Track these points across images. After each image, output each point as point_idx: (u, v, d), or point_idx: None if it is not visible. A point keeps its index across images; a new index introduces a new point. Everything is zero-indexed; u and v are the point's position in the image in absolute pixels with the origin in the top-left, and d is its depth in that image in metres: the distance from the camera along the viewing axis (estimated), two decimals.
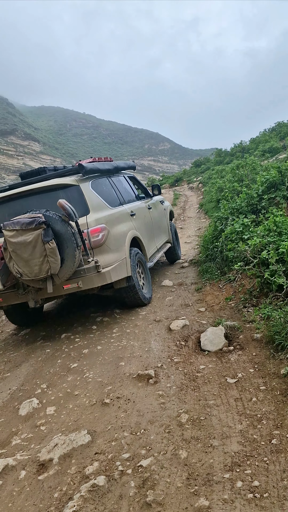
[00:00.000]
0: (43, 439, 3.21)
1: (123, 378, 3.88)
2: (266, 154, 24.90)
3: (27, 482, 2.75)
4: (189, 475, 2.46)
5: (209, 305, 5.68)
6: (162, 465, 2.58)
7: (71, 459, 2.85)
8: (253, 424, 2.87)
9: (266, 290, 5.19)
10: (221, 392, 3.37)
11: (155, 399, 3.41)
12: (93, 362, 4.39)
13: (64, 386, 4.00)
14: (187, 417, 3.06)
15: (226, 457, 2.57)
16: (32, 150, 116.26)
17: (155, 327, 5.11)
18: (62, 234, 4.70)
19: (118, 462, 2.70)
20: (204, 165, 41.87)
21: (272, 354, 3.82)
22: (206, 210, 15.58)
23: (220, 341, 4.31)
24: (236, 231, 6.39)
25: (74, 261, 4.78)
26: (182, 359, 4.12)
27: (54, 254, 4.64)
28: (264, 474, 2.36)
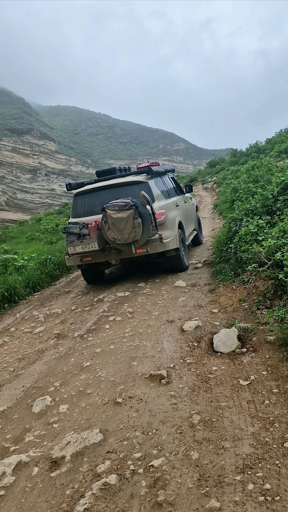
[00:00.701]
0: (55, 437, 3.25)
1: (135, 378, 3.90)
2: (282, 155, 24.69)
3: (40, 479, 2.78)
4: (200, 476, 2.47)
5: (222, 306, 5.66)
6: (173, 466, 2.59)
7: (83, 457, 2.88)
8: (265, 427, 2.86)
9: (280, 292, 5.15)
10: (234, 394, 3.37)
11: (167, 400, 3.42)
12: (105, 362, 4.41)
13: (77, 385, 4.03)
14: (199, 418, 3.06)
15: (237, 459, 2.56)
16: (48, 149, 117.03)
17: (168, 328, 5.12)
18: (143, 214, 6.91)
19: (130, 461, 2.71)
20: (219, 165, 41.70)
21: (285, 356, 3.80)
22: (221, 210, 15.52)
23: (233, 343, 4.29)
24: (251, 232, 6.35)
25: (148, 233, 7.05)
26: (194, 360, 4.12)
27: (139, 227, 6.88)
28: (276, 477, 2.36)
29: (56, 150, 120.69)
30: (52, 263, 10.23)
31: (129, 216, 6.81)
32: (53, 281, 9.75)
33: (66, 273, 10.29)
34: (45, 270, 9.79)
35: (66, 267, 10.42)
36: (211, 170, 42.32)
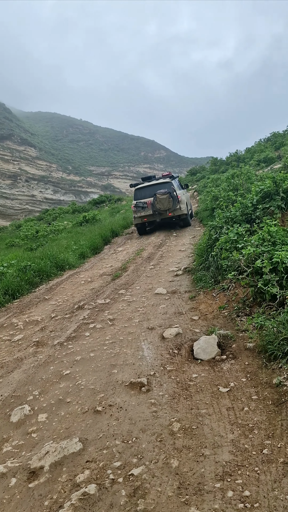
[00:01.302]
0: (34, 447, 3.20)
1: (115, 386, 3.88)
2: (261, 164, 25.08)
3: (18, 490, 2.73)
4: (180, 484, 2.46)
5: (202, 313, 5.69)
6: (153, 474, 2.58)
7: (62, 467, 2.84)
8: (244, 434, 2.87)
9: (259, 300, 5.21)
10: (213, 401, 3.38)
11: (147, 408, 3.41)
12: (85, 369, 4.38)
13: (56, 393, 3.99)
14: (179, 426, 3.06)
15: (217, 466, 2.57)
16: (28, 155, 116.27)
17: (149, 335, 5.11)
18: (172, 196, 13.69)
19: (109, 471, 2.69)
20: (199, 173, 42.10)
21: (264, 363, 3.84)
22: (201, 218, 15.64)
23: (213, 350, 4.32)
24: (231, 240, 6.42)
25: (175, 205, 13.88)
26: (175, 368, 4.12)
27: (171, 202, 13.76)
28: (255, 484, 2.37)
29: (37, 156, 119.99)
30: (32, 270, 10.12)
31: (167, 197, 13.88)
32: (33, 288, 9.65)
33: (46, 280, 10.20)
34: (25, 277, 9.67)
35: (46, 274, 10.38)
36: (191, 178, 42.68)
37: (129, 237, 15.96)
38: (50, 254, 11.65)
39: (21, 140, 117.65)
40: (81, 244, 13.66)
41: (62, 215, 37.05)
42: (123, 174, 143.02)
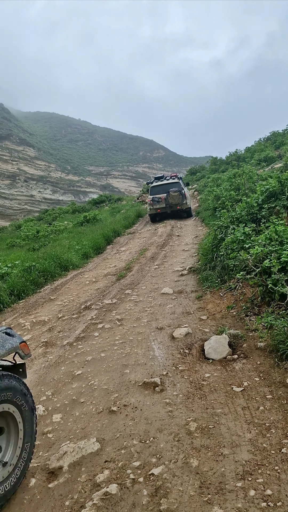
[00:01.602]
0: (51, 447, 3.21)
1: (129, 386, 3.90)
2: (262, 163, 25.10)
3: (37, 490, 2.75)
4: (201, 483, 2.48)
5: (210, 313, 5.71)
6: (174, 474, 2.60)
7: (81, 467, 2.86)
8: (262, 433, 2.89)
9: (268, 299, 5.23)
10: (228, 401, 3.40)
11: (162, 407, 3.43)
12: (97, 370, 4.39)
13: (69, 393, 4.00)
14: (195, 426, 3.08)
15: (237, 465, 2.59)
16: (27, 155, 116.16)
17: (158, 335, 5.13)
18: (182, 194, 17.51)
19: (129, 470, 2.71)
20: (199, 173, 42.12)
21: (276, 363, 3.85)
22: (203, 218, 15.65)
23: (224, 350, 4.34)
24: (238, 239, 6.44)
25: (184, 200, 17.66)
26: (187, 367, 4.14)
27: (181, 198, 17.59)
28: (276, 483, 2.39)
29: (35, 156, 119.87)
30: (37, 270, 10.12)
31: (178, 194, 17.38)
32: (38, 288, 9.65)
33: (51, 280, 10.21)
34: (30, 278, 9.68)
35: (50, 274, 10.39)
36: (191, 177, 42.68)
37: (131, 237, 15.98)
38: (53, 254, 11.65)
39: (20, 140, 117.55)
40: (83, 244, 13.66)
41: (62, 215, 37.03)
42: (122, 174, 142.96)
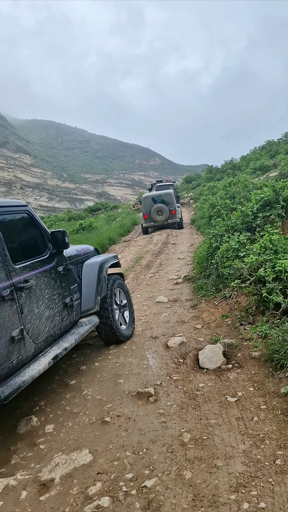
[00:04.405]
0: (43, 458, 3.17)
1: (122, 396, 3.86)
2: (257, 172, 25.25)
3: (28, 503, 2.70)
4: (194, 496, 2.45)
5: (205, 322, 5.70)
6: (166, 486, 2.57)
7: (73, 479, 2.82)
8: (256, 444, 2.87)
9: (262, 308, 5.23)
10: (222, 411, 3.37)
11: (156, 418, 3.40)
12: (91, 379, 4.36)
13: (62, 404, 3.96)
14: (189, 437, 3.05)
15: (231, 477, 2.56)
16: (23, 162, 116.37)
17: (152, 344, 5.10)
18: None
19: (122, 483, 2.67)
20: (195, 181, 42.30)
21: (271, 372, 3.84)
22: (198, 226, 15.69)
23: (219, 359, 4.32)
24: (232, 248, 6.45)
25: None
26: (181, 377, 4.11)
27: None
28: (270, 495, 2.36)
29: (31, 164, 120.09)
30: None
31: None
32: None
33: None
34: None
35: None
36: (187, 185, 42.88)
37: (126, 244, 15.97)
38: None
39: (16, 147, 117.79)
40: None
41: (57, 223, 36.99)
42: (118, 182, 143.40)
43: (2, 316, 3.18)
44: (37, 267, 3.87)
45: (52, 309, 4.00)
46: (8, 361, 3.21)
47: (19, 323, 3.38)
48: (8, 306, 3.27)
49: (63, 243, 4.27)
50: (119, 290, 5.50)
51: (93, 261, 5.09)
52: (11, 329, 3.27)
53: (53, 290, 4.08)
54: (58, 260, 4.36)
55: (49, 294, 3.97)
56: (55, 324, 4.03)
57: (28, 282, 3.60)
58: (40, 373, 3.48)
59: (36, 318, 3.67)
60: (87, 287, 4.81)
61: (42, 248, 4.14)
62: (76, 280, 4.71)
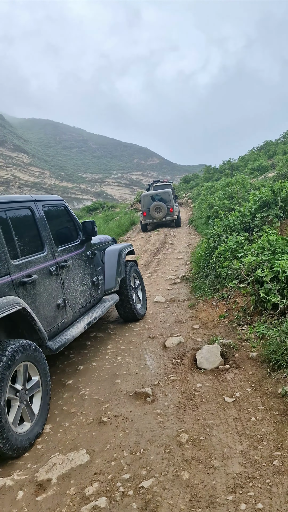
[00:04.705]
0: (39, 458, 3.15)
1: (120, 396, 3.85)
2: (255, 172, 25.27)
3: (25, 503, 2.69)
4: (192, 496, 2.44)
5: (203, 322, 5.69)
6: (164, 486, 2.56)
7: (70, 479, 2.81)
8: (253, 445, 2.87)
9: (260, 309, 5.23)
10: (220, 412, 3.37)
11: (153, 418, 3.39)
12: (88, 379, 4.35)
13: (59, 404, 3.95)
14: (186, 437, 3.05)
15: (228, 478, 2.56)
16: (21, 161, 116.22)
17: (150, 344, 5.10)
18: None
19: (119, 483, 2.67)
20: (193, 181, 42.28)
21: (268, 373, 3.84)
22: (196, 226, 15.68)
23: (216, 359, 4.32)
24: (230, 248, 6.45)
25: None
26: (178, 377, 4.11)
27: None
28: (268, 496, 2.36)
29: (29, 163, 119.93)
30: None
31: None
32: None
33: None
34: None
35: None
36: (185, 185, 42.86)
37: None
38: None
39: (14, 146, 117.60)
40: None
41: None
42: (116, 181, 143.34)
43: (50, 287, 4.08)
44: (72, 251, 4.76)
45: (84, 285, 4.88)
46: (55, 322, 4.13)
47: (62, 293, 4.29)
48: (54, 279, 4.17)
49: (92, 231, 5.09)
50: (134, 275, 6.24)
51: (113, 248, 5.90)
52: (57, 298, 4.18)
53: (84, 270, 4.94)
54: (87, 246, 5.21)
55: (81, 273, 4.84)
56: (86, 298, 4.91)
57: (67, 262, 4.48)
58: (78, 334, 4.36)
59: (73, 292, 4.55)
60: (109, 269, 5.64)
61: (75, 235, 5.00)
62: (100, 263, 5.54)
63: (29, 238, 4.00)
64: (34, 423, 3.36)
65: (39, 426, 3.42)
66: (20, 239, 3.82)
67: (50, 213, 4.48)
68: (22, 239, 3.86)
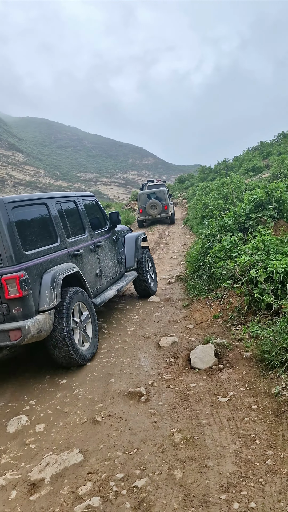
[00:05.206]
0: (33, 458, 3.15)
1: (114, 396, 3.85)
2: (250, 173, 25.34)
3: (18, 503, 2.68)
4: (185, 496, 2.45)
5: (197, 322, 5.71)
6: (157, 486, 2.56)
7: (63, 479, 2.80)
8: (246, 444, 2.88)
9: (254, 309, 5.25)
10: (213, 411, 3.38)
11: (147, 418, 3.39)
12: (82, 379, 4.34)
13: (53, 403, 3.94)
14: (180, 437, 3.05)
15: (221, 477, 2.57)
16: (16, 160, 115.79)
17: (144, 344, 5.10)
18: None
19: (112, 482, 2.67)
20: (188, 181, 42.35)
21: (262, 373, 3.86)
22: (191, 226, 15.70)
23: (210, 359, 4.33)
24: (225, 248, 6.46)
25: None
26: (172, 377, 4.12)
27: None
28: (260, 495, 2.37)
29: (24, 162, 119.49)
30: None
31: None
32: None
33: None
34: None
35: None
36: (180, 185, 42.92)
37: None
38: None
39: (9, 145, 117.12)
40: None
41: None
42: (111, 181, 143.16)
43: (91, 260, 5.54)
44: (103, 235, 6.18)
45: (112, 261, 6.31)
46: (95, 286, 5.56)
47: (98, 266, 5.74)
48: (93, 255, 5.62)
49: (117, 220, 6.54)
50: (147, 259, 7.55)
51: (131, 235, 7.33)
52: (96, 268, 5.64)
53: (111, 250, 6.37)
54: (112, 232, 6.60)
55: (109, 252, 6.27)
56: (113, 272, 6.34)
57: (101, 243, 5.93)
58: (112, 296, 5.79)
59: (105, 265, 6.00)
60: (128, 251, 7.03)
61: (103, 223, 6.39)
62: (121, 246, 6.93)
63: (75, 224, 5.41)
64: (90, 343, 4.86)
65: (94, 347, 4.88)
66: (70, 224, 5.26)
67: (87, 206, 5.91)
68: (72, 224, 5.30)
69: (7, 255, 4.04)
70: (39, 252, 4.44)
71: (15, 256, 4.08)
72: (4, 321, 4.07)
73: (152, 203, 18.87)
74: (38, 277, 4.32)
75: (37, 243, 4.51)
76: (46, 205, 4.87)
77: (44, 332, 4.15)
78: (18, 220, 4.30)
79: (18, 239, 4.16)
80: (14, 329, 3.99)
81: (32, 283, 4.17)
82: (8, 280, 3.99)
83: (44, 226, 4.74)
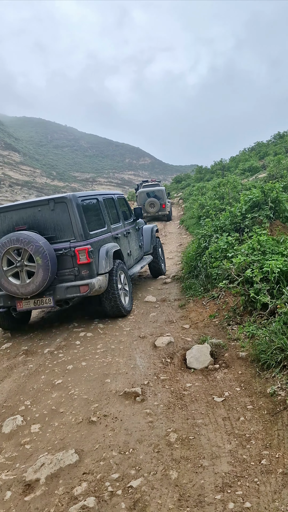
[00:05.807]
0: (28, 458, 3.14)
1: (109, 396, 3.85)
2: (246, 173, 25.40)
3: (13, 504, 2.68)
4: (180, 496, 2.45)
5: (193, 322, 5.71)
6: (152, 486, 2.56)
7: (58, 479, 2.80)
8: (242, 444, 2.88)
9: (250, 308, 5.25)
10: (209, 411, 3.38)
11: (143, 418, 3.39)
12: (78, 379, 4.33)
13: (48, 403, 3.93)
14: (176, 437, 3.05)
15: (216, 477, 2.57)
16: (12, 160, 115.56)
17: (140, 344, 5.10)
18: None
19: (108, 483, 2.66)
20: (184, 181, 42.39)
21: (258, 372, 3.86)
22: (187, 226, 15.72)
23: (206, 359, 4.33)
24: (221, 248, 6.47)
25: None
26: (168, 377, 4.11)
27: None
28: (256, 495, 2.37)
29: (20, 161, 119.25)
30: None
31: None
32: None
33: None
34: None
35: None
36: (177, 185, 42.94)
37: None
38: None
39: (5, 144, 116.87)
40: None
41: None
42: (107, 181, 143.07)
43: (125, 242, 7.23)
44: (131, 224, 7.94)
45: (136, 245, 8.04)
46: (128, 263, 7.14)
47: (128, 247, 7.41)
48: (126, 239, 7.34)
49: (140, 214, 8.37)
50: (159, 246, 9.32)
51: (148, 226, 9.01)
52: (127, 249, 7.32)
53: (135, 237, 8.12)
54: (136, 223, 8.35)
55: (134, 238, 7.99)
56: (137, 254, 8.06)
57: (129, 231, 7.64)
58: (138, 272, 7.65)
59: (132, 248, 7.71)
60: (146, 239, 8.67)
61: (129, 216, 8.08)
62: (141, 234, 8.65)
63: (113, 214, 7.07)
64: (129, 300, 6.59)
65: (131, 304, 6.63)
66: (111, 214, 6.95)
67: (119, 201, 7.67)
68: (111, 214, 6.96)
69: (79, 233, 5.68)
70: (96, 233, 6.07)
71: (84, 234, 5.73)
72: (75, 279, 5.66)
73: (151, 202, 19.75)
74: (97, 250, 5.90)
75: (95, 226, 6.14)
76: (98, 199, 6.54)
77: (102, 288, 5.74)
78: (84, 210, 5.93)
79: (86, 222, 5.82)
80: (83, 285, 5.57)
81: (94, 254, 5.75)
82: (80, 251, 5.60)
83: (97, 215, 6.41)
